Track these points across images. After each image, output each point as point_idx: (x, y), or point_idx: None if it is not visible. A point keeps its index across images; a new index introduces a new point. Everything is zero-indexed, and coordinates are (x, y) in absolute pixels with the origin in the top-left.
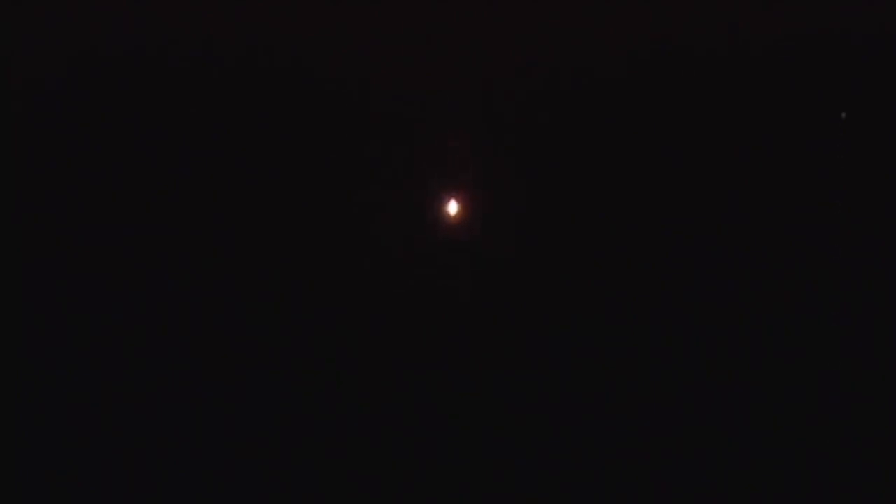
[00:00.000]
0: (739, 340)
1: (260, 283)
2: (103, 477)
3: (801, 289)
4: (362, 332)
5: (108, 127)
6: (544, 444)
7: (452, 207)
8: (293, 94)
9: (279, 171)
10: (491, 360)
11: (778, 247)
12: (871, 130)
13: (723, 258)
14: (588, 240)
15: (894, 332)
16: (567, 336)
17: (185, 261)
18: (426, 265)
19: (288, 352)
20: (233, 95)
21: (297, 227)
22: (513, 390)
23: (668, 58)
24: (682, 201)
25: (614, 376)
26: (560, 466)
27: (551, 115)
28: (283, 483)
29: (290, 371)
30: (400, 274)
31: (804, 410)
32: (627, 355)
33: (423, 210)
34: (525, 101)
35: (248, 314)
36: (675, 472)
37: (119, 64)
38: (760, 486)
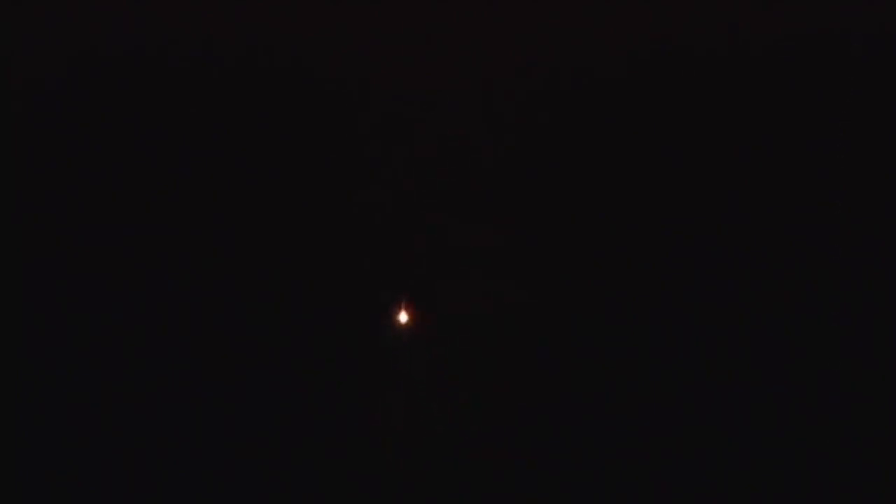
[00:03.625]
0: (739, 340)
1: (259, 282)
2: (103, 477)
3: (801, 288)
4: (362, 332)
5: (108, 127)
6: (544, 445)
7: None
8: (293, 94)
9: (279, 170)
10: (490, 359)
11: (778, 246)
12: (871, 130)
13: (723, 258)
14: (587, 238)
15: (894, 332)
16: (567, 335)
17: (184, 260)
18: (424, 265)
19: (287, 351)
20: (233, 95)
21: (296, 227)
22: (512, 389)
23: (668, 58)
24: (683, 201)
25: (613, 377)
26: (560, 467)
27: (551, 115)
28: (283, 483)
29: (289, 370)
30: (399, 273)
31: (804, 410)
32: (627, 355)
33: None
34: (525, 101)
35: (246, 313)
36: (676, 472)
37: (119, 64)
38: (760, 487)
